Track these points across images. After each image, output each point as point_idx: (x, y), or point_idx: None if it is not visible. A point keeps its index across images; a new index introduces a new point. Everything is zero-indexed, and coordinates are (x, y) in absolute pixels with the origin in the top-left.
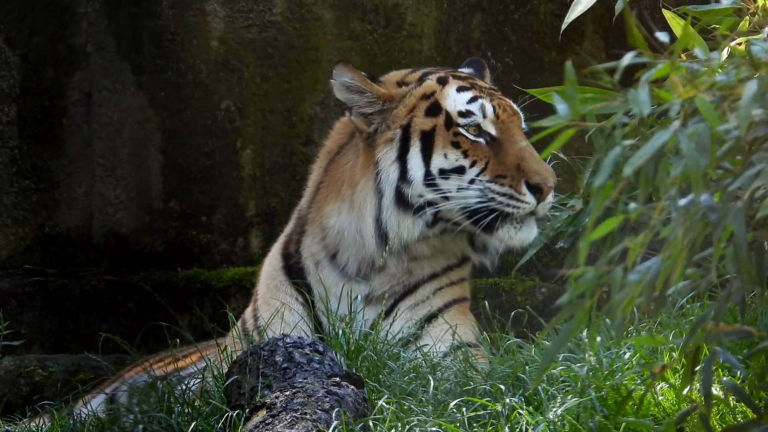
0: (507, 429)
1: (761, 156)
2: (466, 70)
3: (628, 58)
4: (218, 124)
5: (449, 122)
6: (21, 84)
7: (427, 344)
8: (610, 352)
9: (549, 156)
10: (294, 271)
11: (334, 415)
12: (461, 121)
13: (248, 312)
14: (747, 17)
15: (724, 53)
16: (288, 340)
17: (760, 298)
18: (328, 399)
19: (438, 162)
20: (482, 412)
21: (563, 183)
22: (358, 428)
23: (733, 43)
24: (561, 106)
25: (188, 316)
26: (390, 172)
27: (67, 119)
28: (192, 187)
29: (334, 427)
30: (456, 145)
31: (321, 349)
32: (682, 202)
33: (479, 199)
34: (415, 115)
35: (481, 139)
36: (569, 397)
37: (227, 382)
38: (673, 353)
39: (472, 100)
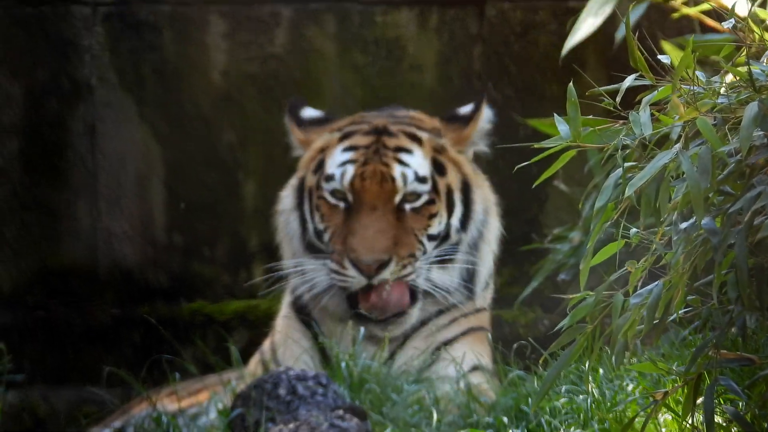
0: None
1: (762, 179)
2: (465, 109)
3: (629, 80)
4: (220, 156)
5: (319, 183)
6: (24, 117)
7: (439, 374)
8: (613, 384)
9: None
10: (301, 304)
11: None
12: (325, 185)
13: (266, 344)
14: (744, 49)
15: (727, 77)
16: (291, 372)
17: (761, 324)
18: None
19: (313, 222)
20: None
21: (564, 214)
22: None
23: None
24: (562, 127)
25: (192, 349)
26: (290, 220)
27: (70, 152)
28: (195, 220)
29: None
30: (318, 207)
31: (324, 381)
32: (684, 225)
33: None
34: (309, 168)
35: (341, 204)
36: (572, 428)
37: (231, 416)
38: (676, 383)
39: (344, 163)
